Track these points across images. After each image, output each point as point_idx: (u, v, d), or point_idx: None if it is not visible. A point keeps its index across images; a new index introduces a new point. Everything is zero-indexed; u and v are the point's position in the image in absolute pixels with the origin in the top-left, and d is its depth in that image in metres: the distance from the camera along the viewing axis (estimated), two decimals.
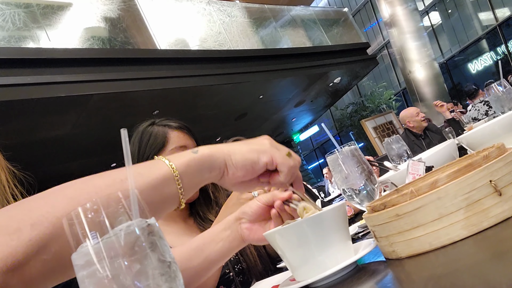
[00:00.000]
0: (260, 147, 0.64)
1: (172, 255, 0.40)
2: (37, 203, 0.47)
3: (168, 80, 6.09)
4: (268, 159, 0.63)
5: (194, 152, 0.59)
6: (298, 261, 0.71)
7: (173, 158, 0.57)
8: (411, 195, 0.59)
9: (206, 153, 0.60)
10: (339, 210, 0.73)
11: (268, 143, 0.65)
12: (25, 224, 0.44)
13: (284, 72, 7.85)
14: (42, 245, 0.44)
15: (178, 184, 0.55)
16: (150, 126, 1.33)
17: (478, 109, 4.78)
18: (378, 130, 9.27)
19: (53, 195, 0.48)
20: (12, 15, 5.18)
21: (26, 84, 4.70)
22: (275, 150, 0.64)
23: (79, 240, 0.38)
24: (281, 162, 0.64)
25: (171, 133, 1.30)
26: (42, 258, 0.44)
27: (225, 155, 0.61)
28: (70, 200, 0.47)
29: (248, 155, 0.62)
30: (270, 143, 0.66)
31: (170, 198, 0.56)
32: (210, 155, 0.60)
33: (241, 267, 1.27)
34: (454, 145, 1.32)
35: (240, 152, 0.62)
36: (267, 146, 0.65)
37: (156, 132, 1.30)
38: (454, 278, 0.45)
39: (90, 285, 0.36)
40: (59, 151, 6.49)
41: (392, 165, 1.50)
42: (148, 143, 1.28)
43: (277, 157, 0.63)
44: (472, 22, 12.37)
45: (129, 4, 6.47)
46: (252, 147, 0.63)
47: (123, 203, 0.39)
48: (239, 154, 0.61)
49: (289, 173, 0.66)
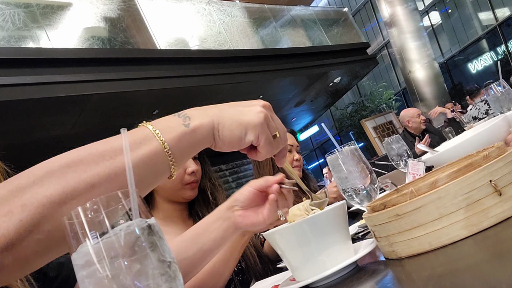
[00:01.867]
0: (250, 120, 0.61)
1: (172, 255, 0.40)
2: (26, 182, 0.46)
3: (168, 80, 6.09)
4: (254, 138, 0.61)
5: (185, 125, 0.58)
6: (298, 261, 0.71)
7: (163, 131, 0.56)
8: (411, 195, 0.59)
9: (197, 126, 0.58)
10: (339, 210, 0.73)
11: (261, 117, 0.62)
12: (15, 205, 0.44)
13: (284, 72, 7.84)
14: (34, 225, 0.44)
15: (170, 157, 0.55)
16: None
17: (479, 108, 4.78)
18: (378, 130, 9.27)
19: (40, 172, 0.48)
20: (12, 15, 5.18)
21: (26, 84, 4.70)
22: (264, 129, 0.62)
23: (79, 240, 0.38)
24: (263, 145, 0.63)
25: None
26: (35, 237, 0.45)
27: (214, 128, 0.60)
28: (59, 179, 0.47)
29: (236, 130, 0.60)
30: (264, 116, 0.62)
31: (162, 171, 0.56)
32: (201, 129, 0.59)
33: (241, 267, 1.27)
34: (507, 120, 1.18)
35: (229, 125, 0.60)
36: (258, 120, 0.61)
37: None
38: (454, 278, 0.45)
39: (90, 285, 0.36)
40: (59, 151, 6.42)
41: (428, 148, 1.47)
42: None
43: (262, 138, 0.62)
44: (472, 22, 12.36)
45: (129, 4, 6.47)
46: (242, 120, 0.61)
47: (123, 203, 0.39)
48: (227, 128, 0.60)
49: (267, 154, 0.65)
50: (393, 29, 9.44)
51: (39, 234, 0.45)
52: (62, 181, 0.47)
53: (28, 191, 0.45)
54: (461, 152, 1.06)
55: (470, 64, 12.65)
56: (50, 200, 0.45)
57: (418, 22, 9.44)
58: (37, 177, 0.47)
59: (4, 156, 0.74)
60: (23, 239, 0.44)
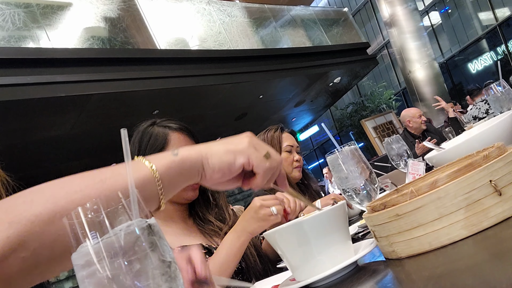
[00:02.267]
0: (237, 147, 0.62)
1: (172, 255, 0.40)
2: (15, 202, 0.47)
3: (168, 80, 6.09)
4: (245, 160, 0.61)
5: (174, 155, 0.58)
6: (298, 261, 0.71)
7: (153, 159, 0.56)
8: (411, 195, 0.59)
9: (186, 156, 0.59)
10: (339, 210, 0.73)
11: (246, 142, 0.63)
12: (2, 223, 0.44)
13: (284, 72, 7.85)
14: (20, 243, 0.44)
15: (159, 185, 0.55)
16: (150, 126, 1.32)
17: (479, 107, 4.78)
18: (378, 130, 9.27)
19: (31, 194, 0.49)
20: (12, 15, 5.18)
21: (26, 84, 4.70)
22: (253, 151, 0.62)
23: (79, 240, 0.38)
24: (256, 164, 0.62)
25: (171, 134, 1.29)
26: (20, 255, 0.45)
27: (203, 158, 0.60)
28: (49, 198, 0.48)
29: (225, 157, 0.61)
30: (250, 141, 0.63)
31: (151, 199, 0.56)
32: (189, 158, 0.59)
33: (240, 267, 1.27)
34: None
35: (217, 154, 0.61)
36: (245, 145, 0.62)
37: (156, 133, 1.29)
38: (454, 278, 0.45)
39: (90, 285, 0.36)
40: (59, 151, 6.49)
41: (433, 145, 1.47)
42: (148, 144, 1.28)
43: (253, 158, 0.62)
44: (472, 22, 12.37)
45: (129, 4, 6.47)
46: (229, 148, 0.62)
47: (123, 203, 0.39)
48: (216, 156, 0.60)
49: (265, 175, 0.64)
50: (393, 29, 9.44)
51: (25, 252, 0.45)
52: (52, 200, 0.47)
53: (17, 209, 0.46)
54: (468, 149, 1.05)
55: (470, 64, 12.65)
56: (38, 218, 0.46)
57: (418, 22, 9.44)
58: (27, 197, 0.48)
59: (4, 156, 0.74)
60: (8, 255, 0.44)
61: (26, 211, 0.46)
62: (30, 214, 0.46)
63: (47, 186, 0.50)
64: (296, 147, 2.06)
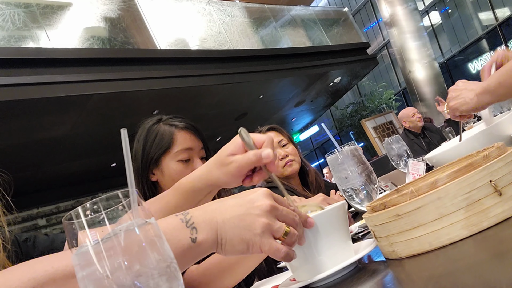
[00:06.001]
0: (251, 234, 0.60)
1: (172, 255, 0.40)
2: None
3: (168, 80, 6.09)
4: (257, 251, 0.61)
5: (192, 240, 0.58)
6: (298, 261, 0.71)
7: (170, 242, 0.52)
8: (411, 195, 0.59)
9: (203, 241, 0.59)
10: (339, 210, 0.73)
11: (262, 226, 0.60)
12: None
13: (284, 72, 7.85)
14: None
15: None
16: (156, 124, 1.29)
17: None
18: (378, 130, 9.26)
19: (11, 269, 0.53)
20: (12, 15, 5.18)
21: (26, 84, 4.70)
22: (266, 240, 0.60)
23: (79, 240, 0.38)
24: (268, 253, 0.62)
25: (177, 133, 1.26)
26: None
27: (218, 243, 0.61)
28: (28, 269, 0.52)
29: (238, 246, 0.61)
30: (265, 224, 0.60)
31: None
32: (206, 243, 0.59)
33: None
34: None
35: (230, 240, 0.61)
36: (259, 231, 0.60)
37: (162, 132, 1.26)
38: (454, 278, 0.45)
39: (90, 285, 0.36)
40: (59, 151, 6.48)
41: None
42: (154, 143, 1.25)
43: (265, 249, 0.61)
44: (472, 22, 12.37)
45: (129, 4, 6.47)
46: (244, 236, 0.60)
47: (123, 203, 0.39)
48: (229, 244, 0.61)
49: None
50: (393, 29, 9.44)
51: None
52: (31, 271, 0.51)
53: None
54: (468, 149, 1.04)
55: (470, 64, 12.65)
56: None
57: (418, 22, 9.44)
58: (7, 271, 0.52)
59: (4, 156, 0.74)
60: None
61: (8, 280, 0.50)
62: (8, 286, 0.49)
63: (28, 262, 0.54)
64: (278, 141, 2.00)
